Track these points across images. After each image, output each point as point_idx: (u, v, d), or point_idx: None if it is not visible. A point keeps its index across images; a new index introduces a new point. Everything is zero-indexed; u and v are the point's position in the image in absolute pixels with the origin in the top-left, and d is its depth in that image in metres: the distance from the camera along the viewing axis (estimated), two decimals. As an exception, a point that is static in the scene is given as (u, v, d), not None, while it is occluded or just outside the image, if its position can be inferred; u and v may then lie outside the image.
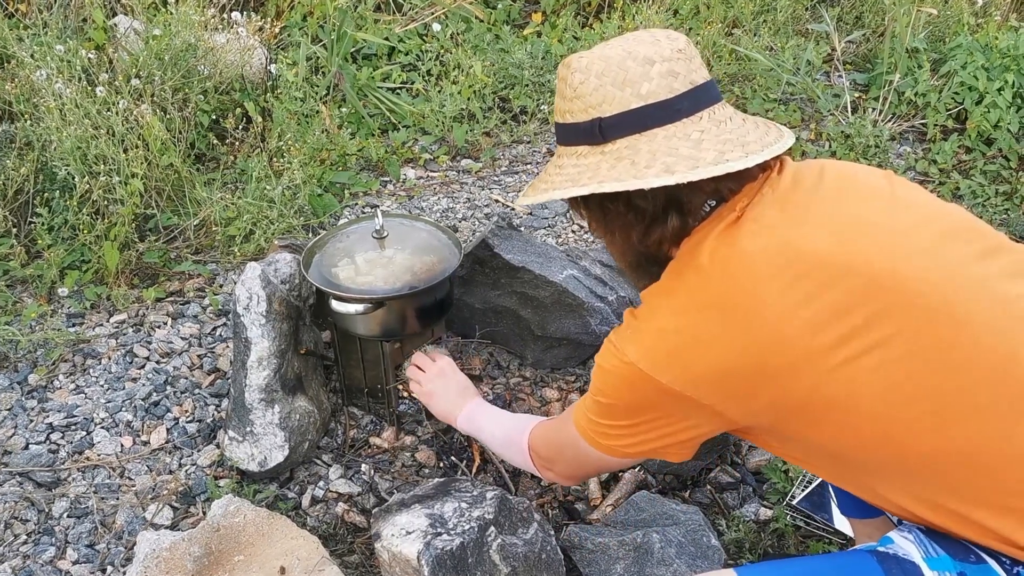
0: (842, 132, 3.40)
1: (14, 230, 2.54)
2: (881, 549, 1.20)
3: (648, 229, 1.26)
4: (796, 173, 1.26)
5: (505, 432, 1.67)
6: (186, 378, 2.27)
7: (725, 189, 1.21)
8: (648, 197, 1.21)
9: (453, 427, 1.89)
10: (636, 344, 1.21)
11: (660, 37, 1.24)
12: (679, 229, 1.24)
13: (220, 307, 2.49)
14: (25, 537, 1.88)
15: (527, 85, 3.54)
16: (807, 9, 4.22)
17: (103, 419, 2.14)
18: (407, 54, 3.68)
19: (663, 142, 1.19)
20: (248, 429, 1.97)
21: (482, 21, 3.91)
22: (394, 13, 3.88)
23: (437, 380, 1.94)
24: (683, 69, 1.21)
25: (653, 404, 1.22)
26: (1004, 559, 1.14)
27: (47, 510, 1.93)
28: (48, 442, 2.09)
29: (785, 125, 3.46)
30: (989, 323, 1.12)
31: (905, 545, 1.19)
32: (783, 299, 1.13)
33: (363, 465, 2.08)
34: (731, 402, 1.18)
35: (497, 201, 3.06)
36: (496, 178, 3.20)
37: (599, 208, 1.28)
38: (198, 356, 2.34)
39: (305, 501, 1.99)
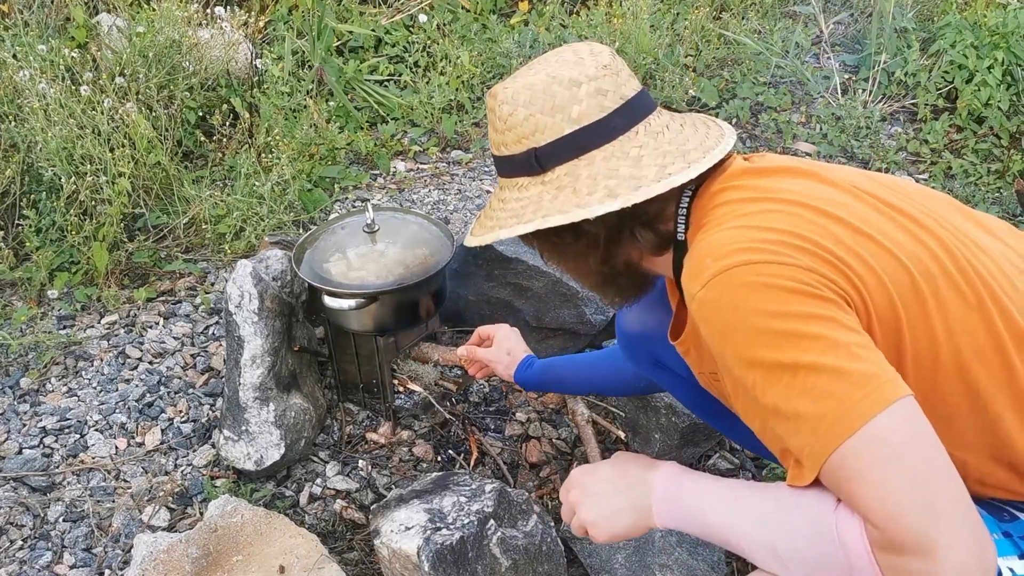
0: (832, 114, 3.39)
1: (1, 233, 2.52)
2: None
3: (609, 251, 1.22)
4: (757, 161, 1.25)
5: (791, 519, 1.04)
6: (179, 378, 2.25)
7: (690, 183, 1.17)
8: (598, 222, 1.16)
9: (643, 532, 1.20)
10: (738, 254, 1.03)
11: (583, 54, 1.21)
12: (656, 239, 1.20)
13: (212, 306, 2.47)
14: (21, 543, 1.87)
15: (515, 74, 3.52)
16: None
17: (97, 421, 2.13)
18: (394, 46, 3.66)
19: (602, 164, 1.16)
20: (243, 428, 1.96)
21: (468, 11, 3.89)
22: (380, 5, 3.85)
23: (584, 481, 1.25)
24: (611, 85, 1.18)
25: (801, 280, 1.00)
26: None
27: (42, 515, 1.92)
28: (42, 446, 2.07)
29: (775, 108, 3.46)
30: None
31: None
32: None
33: (360, 461, 2.07)
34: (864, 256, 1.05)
35: (488, 192, 3.04)
36: (487, 168, 3.18)
37: (547, 240, 1.24)
38: (191, 356, 2.33)
39: (303, 499, 1.98)
